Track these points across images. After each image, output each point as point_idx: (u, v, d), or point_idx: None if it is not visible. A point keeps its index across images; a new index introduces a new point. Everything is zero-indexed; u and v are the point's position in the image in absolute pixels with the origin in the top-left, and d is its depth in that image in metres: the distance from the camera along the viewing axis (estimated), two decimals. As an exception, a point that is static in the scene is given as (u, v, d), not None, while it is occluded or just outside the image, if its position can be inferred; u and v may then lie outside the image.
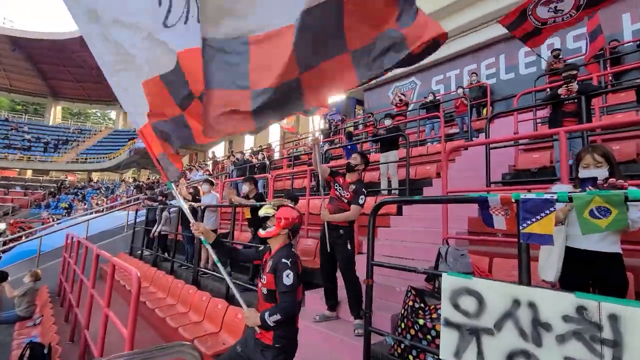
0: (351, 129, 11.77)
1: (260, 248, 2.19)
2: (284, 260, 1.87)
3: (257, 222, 2.17)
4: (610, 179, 1.78)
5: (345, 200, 3.12)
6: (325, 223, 3.05)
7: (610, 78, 6.51)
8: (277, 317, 1.78)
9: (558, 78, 6.91)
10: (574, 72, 3.92)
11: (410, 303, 2.31)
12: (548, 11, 5.35)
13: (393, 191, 5.83)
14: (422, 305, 2.29)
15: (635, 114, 5.23)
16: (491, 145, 4.22)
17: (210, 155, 23.54)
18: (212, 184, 5.67)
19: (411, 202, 2.16)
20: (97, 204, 18.47)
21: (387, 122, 6.45)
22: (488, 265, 2.89)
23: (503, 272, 2.75)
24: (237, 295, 2.28)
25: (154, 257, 6.75)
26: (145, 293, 4.97)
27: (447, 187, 3.51)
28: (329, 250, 3.05)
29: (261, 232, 2.03)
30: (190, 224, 2.05)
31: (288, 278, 1.82)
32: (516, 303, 1.67)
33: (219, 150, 26.48)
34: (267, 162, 9.43)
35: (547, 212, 1.65)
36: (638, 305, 1.35)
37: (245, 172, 9.60)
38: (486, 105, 8.90)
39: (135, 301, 2.25)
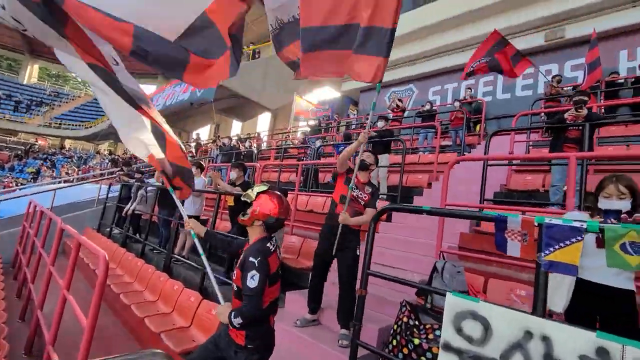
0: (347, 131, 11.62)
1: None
2: (251, 258, 1.68)
3: (239, 212, 1.94)
4: (636, 215, 1.69)
5: (362, 203, 2.91)
6: (341, 226, 2.79)
7: (602, 110, 6.65)
8: (240, 320, 1.63)
9: (555, 104, 7.03)
10: (586, 98, 3.89)
11: (405, 319, 2.16)
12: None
13: (381, 196, 5.72)
14: (416, 323, 2.14)
15: (626, 147, 5.32)
16: (488, 162, 4.16)
17: (194, 136, 22.82)
18: (201, 167, 5.35)
19: (419, 211, 2.00)
20: (67, 173, 17.47)
21: (380, 124, 6.30)
22: (483, 285, 2.79)
23: (499, 294, 2.65)
24: (216, 289, 2.08)
25: (124, 237, 6.34)
26: (111, 275, 4.60)
27: (441, 200, 3.42)
28: (333, 253, 2.83)
29: (240, 217, 1.84)
30: (184, 222, 1.97)
31: (252, 280, 1.63)
32: (528, 334, 1.54)
33: (204, 133, 25.70)
34: (255, 151, 9.12)
35: (574, 240, 1.53)
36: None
37: (231, 158, 9.25)
38: (479, 122, 8.97)
39: (101, 289, 1.98)
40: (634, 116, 6.33)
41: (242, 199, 1.85)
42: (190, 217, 4.87)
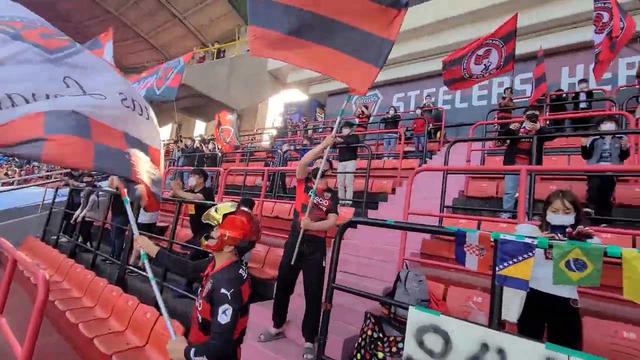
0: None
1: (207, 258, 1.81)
2: (223, 290, 1.47)
3: (200, 223, 1.79)
4: (579, 227, 1.83)
5: (324, 209, 2.90)
6: (301, 233, 2.76)
7: (548, 123, 7.22)
8: (204, 359, 1.43)
9: (507, 114, 7.52)
10: (537, 112, 4.20)
11: (369, 332, 2.17)
12: (478, 67, 6.84)
13: (347, 202, 5.78)
14: (380, 335, 2.17)
15: (567, 159, 5.80)
16: (448, 172, 4.36)
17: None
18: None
19: (384, 225, 2.03)
20: (6, 174, 15.82)
21: (346, 130, 6.38)
22: (443, 293, 2.89)
23: (458, 301, 2.76)
24: (166, 318, 1.83)
25: (72, 246, 5.84)
26: (56, 290, 4.22)
27: (404, 209, 3.52)
28: (292, 263, 2.78)
29: (203, 242, 1.64)
30: (134, 239, 1.76)
31: (225, 315, 1.44)
32: (485, 347, 1.60)
33: (164, 133, 24.53)
34: (219, 154, 8.83)
35: (526, 255, 1.62)
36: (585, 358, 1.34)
37: (193, 161, 8.89)
38: (439, 129, 9.38)
39: (39, 315, 1.79)
40: (574, 129, 6.94)
41: (204, 220, 1.63)
42: (143, 225, 4.65)
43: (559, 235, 1.88)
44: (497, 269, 1.67)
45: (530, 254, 1.60)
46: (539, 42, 8.21)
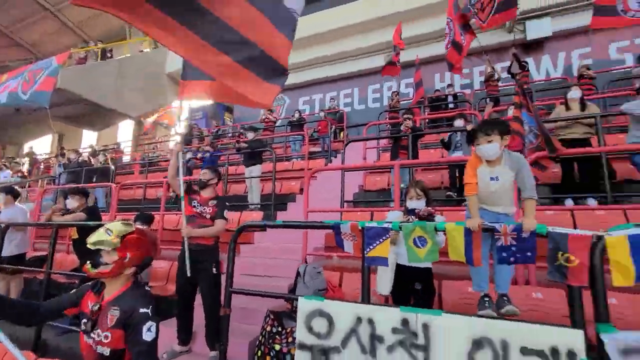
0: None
1: (84, 286, 1.61)
2: (142, 310, 1.41)
3: (85, 247, 1.55)
4: (424, 208, 2.27)
5: (208, 216, 2.90)
6: (186, 244, 2.73)
7: (427, 121, 8.45)
8: None
9: (396, 115, 8.53)
10: (411, 115, 4.91)
11: (268, 328, 2.31)
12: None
13: (255, 206, 5.84)
14: (279, 329, 2.32)
15: (441, 153, 6.88)
16: (347, 169, 4.81)
17: (26, 150, 18.13)
18: (14, 194, 4.18)
19: (272, 226, 2.18)
20: None
21: (250, 135, 6.43)
22: (339, 280, 3.20)
23: (351, 286, 3.10)
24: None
25: None
26: None
27: (309, 206, 3.77)
28: (189, 275, 2.73)
29: (90, 271, 1.46)
30: None
31: (150, 332, 1.38)
32: (359, 321, 1.88)
33: (42, 146, 20.71)
34: (112, 167, 7.91)
35: (384, 238, 1.95)
36: (439, 314, 1.73)
37: (79, 177, 7.77)
38: (343, 130, 10.12)
39: None
40: (448, 126, 8.26)
41: (93, 246, 1.47)
42: (11, 258, 3.91)
43: (412, 217, 2.31)
44: (365, 252, 1.98)
45: (387, 236, 1.94)
46: (417, 51, 9.49)
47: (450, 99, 8.55)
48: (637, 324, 2.29)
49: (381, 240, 1.96)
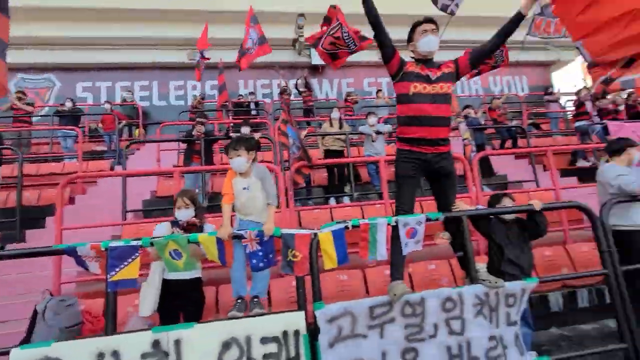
0: None
1: None
2: None
3: None
4: (187, 219, 2.25)
5: None
6: None
7: (231, 125, 8.59)
8: None
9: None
10: (204, 119, 4.80)
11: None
12: None
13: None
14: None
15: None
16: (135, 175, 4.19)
17: None
18: None
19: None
20: None
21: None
22: (104, 308, 2.71)
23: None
24: None
25: None
26: None
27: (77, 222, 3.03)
28: None
29: None
30: None
31: None
32: (101, 357, 1.64)
33: None
34: None
35: (133, 257, 1.78)
36: (191, 326, 1.74)
37: None
38: (138, 127, 8.84)
39: None
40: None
41: None
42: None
43: (177, 229, 2.24)
44: (109, 275, 1.74)
45: (136, 254, 1.78)
46: (221, 55, 9.46)
47: (252, 105, 9.02)
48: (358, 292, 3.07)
49: (130, 260, 1.78)
